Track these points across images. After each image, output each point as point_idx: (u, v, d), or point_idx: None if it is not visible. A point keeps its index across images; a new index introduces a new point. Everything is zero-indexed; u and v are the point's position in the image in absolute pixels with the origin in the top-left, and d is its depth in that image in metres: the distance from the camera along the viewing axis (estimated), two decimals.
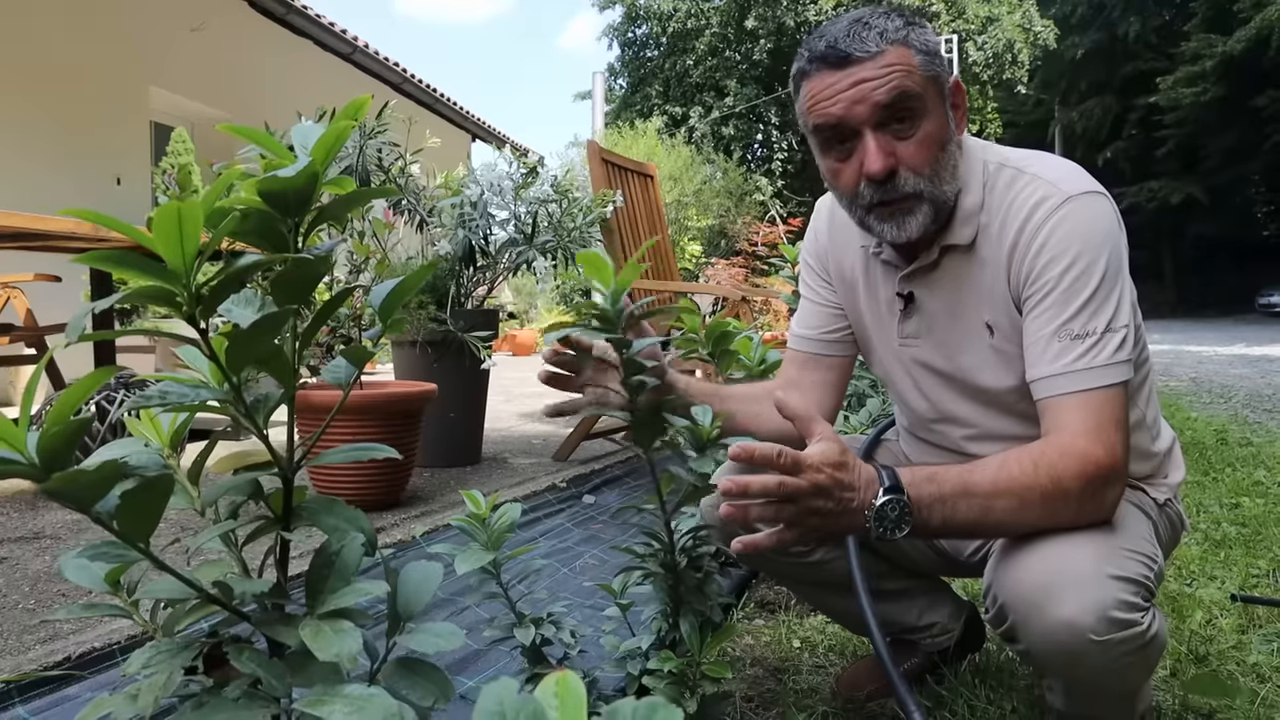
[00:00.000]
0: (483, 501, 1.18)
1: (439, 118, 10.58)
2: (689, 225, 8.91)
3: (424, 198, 2.96)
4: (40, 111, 5.44)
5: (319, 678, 0.52)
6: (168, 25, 6.45)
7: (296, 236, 0.60)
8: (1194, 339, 12.94)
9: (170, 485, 0.50)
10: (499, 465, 3.10)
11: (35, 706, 1.21)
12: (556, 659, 1.20)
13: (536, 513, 2.51)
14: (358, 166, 2.78)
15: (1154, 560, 0.97)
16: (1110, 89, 24.96)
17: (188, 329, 0.55)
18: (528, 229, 2.96)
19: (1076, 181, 1.05)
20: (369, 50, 8.17)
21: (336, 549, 0.57)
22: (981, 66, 21.34)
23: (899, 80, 0.99)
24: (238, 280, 0.53)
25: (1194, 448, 3.63)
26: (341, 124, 0.58)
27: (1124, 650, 0.90)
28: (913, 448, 1.32)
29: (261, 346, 0.55)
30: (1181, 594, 1.83)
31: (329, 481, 2.27)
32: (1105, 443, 0.94)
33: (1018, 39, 21.11)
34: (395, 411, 2.26)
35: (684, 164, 9.29)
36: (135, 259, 0.49)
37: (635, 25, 25.36)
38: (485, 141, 12.66)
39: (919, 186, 1.03)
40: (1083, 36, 24.54)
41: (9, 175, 5.00)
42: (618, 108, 24.58)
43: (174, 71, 6.55)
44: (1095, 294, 0.99)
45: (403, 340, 2.86)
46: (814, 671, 1.48)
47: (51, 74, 5.55)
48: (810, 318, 1.30)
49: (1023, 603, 0.93)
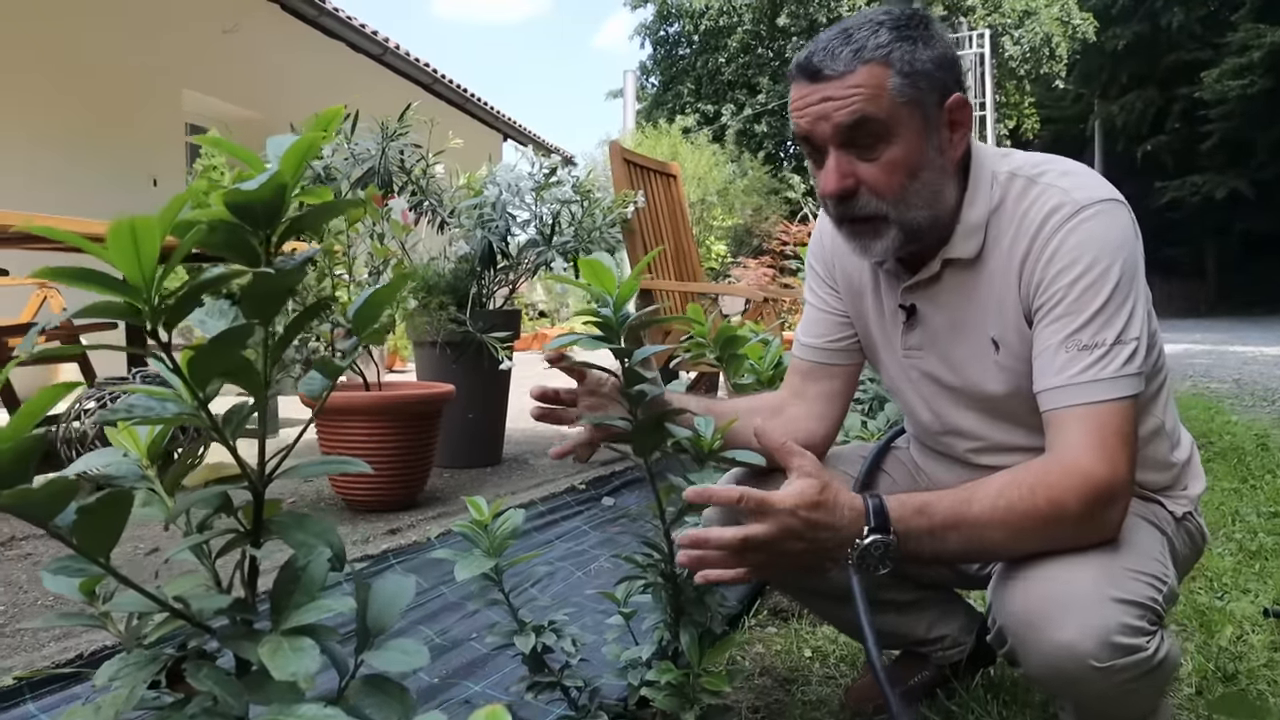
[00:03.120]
0: (485, 507, 1.17)
1: (469, 117, 10.64)
2: (714, 225, 8.86)
3: (446, 199, 2.97)
4: (78, 115, 5.56)
5: (277, 696, 0.51)
6: (201, 28, 6.56)
7: (268, 248, 0.59)
8: (1238, 339, 12.59)
9: (129, 500, 0.50)
10: (520, 466, 3.10)
11: (46, 703, 1.23)
12: (558, 667, 1.20)
13: (554, 515, 2.51)
14: (380, 169, 2.80)
15: (1162, 580, 0.93)
16: (1152, 81, 24.38)
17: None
18: (548, 230, 2.95)
19: (1091, 190, 1.02)
20: (399, 51, 8.24)
21: (303, 564, 0.57)
22: (1018, 61, 20.94)
23: (860, 104, 0.97)
24: (199, 294, 0.53)
25: (1232, 453, 3.52)
26: (310, 135, 0.58)
27: (1128, 676, 0.86)
28: (922, 457, 1.30)
29: (227, 360, 0.55)
30: (1212, 607, 1.78)
31: (347, 482, 2.29)
32: (1109, 460, 0.91)
33: (1056, 32, 20.69)
34: (412, 413, 2.27)
35: (708, 163, 9.24)
36: (94, 274, 0.49)
37: (667, 23, 25.29)
38: (516, 141, 12.72)
39: (881, 209, 1.01)
40: (1124, 28, 23.99)
41: (49, 177, 5.12)
42: (649, 106, 24.55)
43: (208, 74, 6.66)
44: (1107, 304, 0.96)
45: (424, 341, 2.88)
46: (824, 682, 1.45)
47: (89, 78, 5.67)
48: (816, 326, 1.27)
49: (1022, 625, 0.90)
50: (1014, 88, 22.18)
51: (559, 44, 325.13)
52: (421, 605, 1.77)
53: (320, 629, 0.56)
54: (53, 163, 5.26)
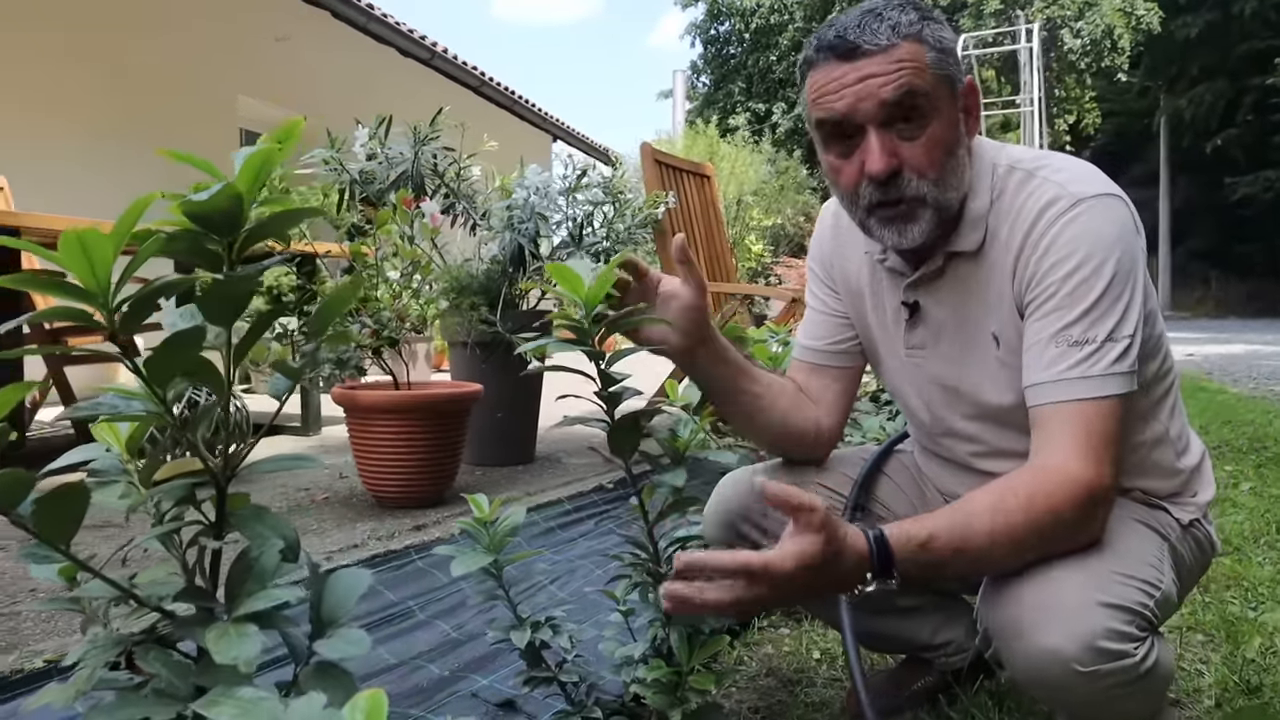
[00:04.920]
0: (486, 505, 1.20)
1: (517, 119, 10.76)
2: (752, 224, 8.81)
3: (479, 201, 3.03)
4: (138, 122, 5.79)
5: (224, 679, 0.54)
6: (255, 36, 6.77)
7: (230, 254, 0.62)
8: None
9: (85, 494, 0.53)
10: (552, 464, 3.14)
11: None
12: (555, 662, 1.22)
13: (579, 513, 2.53)
14: (413, 172, 2.86)
15: (1155, 586, 0.91)
16: (1223, 72, 23.44)
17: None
18: (579, 231, 2.99)
19: (1088, 184, 1.00)
20: (447, 55, 8.38)
21: (256, 555, 0.60)
22: (1078, 54, 20.36)
23: (908, 77, 0.95)
24: (155, 299, 0.56)
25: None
26: (266, 148, 0.61)
27: (1114, 682, 0.85)
28: (925, 460, 1.28)
29: (184, 360, 0.58)
30: (1243, 617, 1.72)
31: (377, 479, 2.35)
32: (1095, 461, 0.89)
33: (1118, 24, 20.07)
34: (439, 411, 2.32)
35: (745, 162, 9.19)
36: (52, 282, 0.52)
37: (717, 22, 25.25)
38: (565, 142, 12.83)
39: (922, 190, 0.99)
40: (1194, 17, 23.13)
41: (109, 179, 5.33)
42: (700, 105, 24.51)
43: (261, 80, 6.87)
44: (1099, 300, 0.94)
45: (456, 341, 2.93)
46: (828, 685, 1.45)
47: (148, 85, 5.90)
48: (816, 328, 1.27)
49: (1007, 629, 0.89)
50: (1074, 81, 21.58)
51: (613, 43, 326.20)
52: (439, 600, 1.81)
53: (274, 615, 0.59)
54: (114, 167, 5.48)
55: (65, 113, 5.41)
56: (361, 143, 2.77)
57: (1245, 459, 3.38)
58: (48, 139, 5.28)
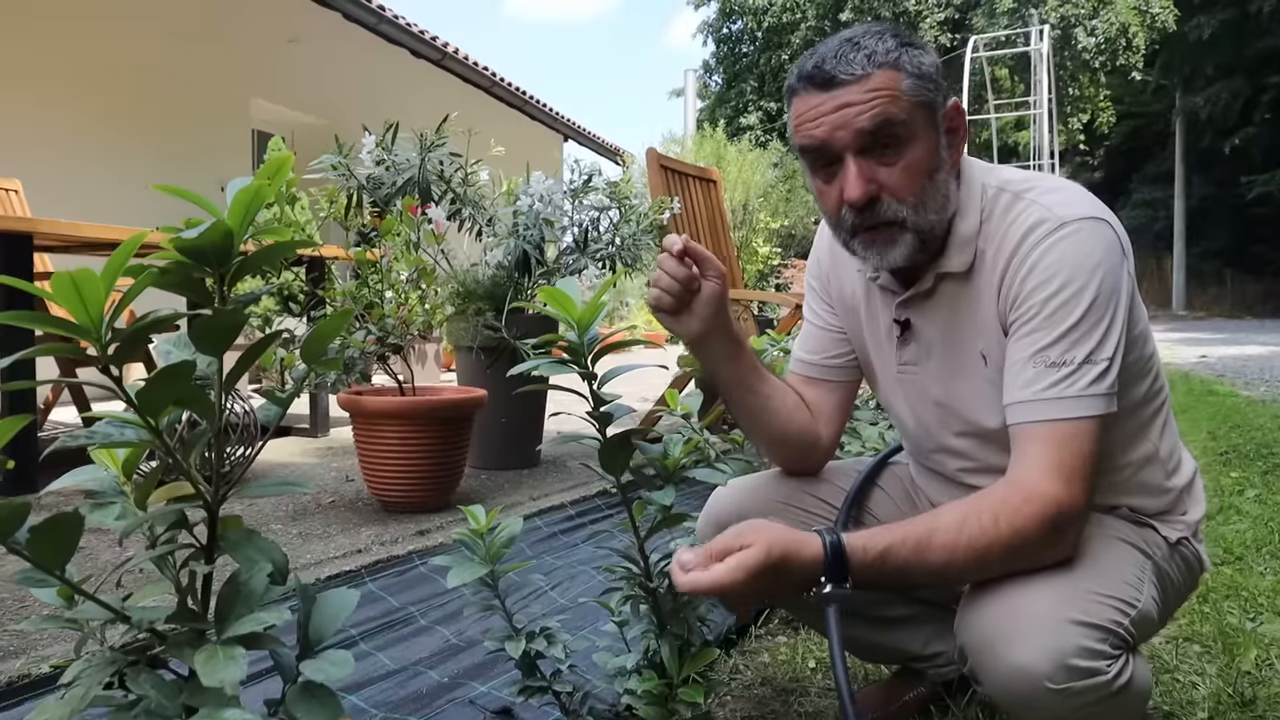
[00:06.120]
0: (482, 516, 1.22)
1: (530, 119, 10.80)
2: (759, 227, 8.80)
3: (486, 206, 3.05)
4: (154, 124, 5.85)
5: (211, 701, 0.56)
6: (267, 39, 6.83)
7: (223, 286, 0.64)
8: None
9: (79, 522, 0.56)
10: (557, 468, 3.16)
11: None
12: (550, 672, 1.24)
13: (583, 518, 2.55)
14: (419, 179, 2.89)
15: (1131, 605, 0.92)
16: (1240, 71, 23.22)
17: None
18: (583, 237, 3.00)
19: (1074, 206, 1.01)
20: (459, 55, 8.42)
21: (245, 578, 0.62)
22: (1092, 53, 20.20)
23: (883, 106, 0.97)
24: (147, 334, 0.58)
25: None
26: (256, 184, 0.63)
27: (1087, 700, 0.86)
28: (918, 473, 1.30)
29: (175, 390, 0.60)
30: (1240, 629, 1.72)
31: (381, 484, 2.37)
32: (1067, 481, 0.91)
33: (1132, 22, 19.89)
34: (442, 417, 2.34)
35: (752, 165, 9.19)
36: (48, 318, 0.55)
37: (730, 21, 25.19)
38: (576, 141, 12.87)
39: (900, 214, 1.01)
40: (1209, 16, 22.91)
41: (123, 181, 5.39)
42: (712, 104, 24.49)
43: (273, 82, 6.92)
44: (1079, 323, 0.96)
45: (462, 346, 2.96)
46: (823, 694, 1.46)
47: (163, 87, 5.96)
48: (812, 342, 1.28)
49: (981, 645, 0.91)
50: (1088, 80, 21.42)
51: (628, 41, 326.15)
52: (441, 606, 1.83)
53: (263, 637, 0.61)
54: (129, 168, 5.55)
55: (80, 115, 5.47)
56: (369, 149, 2.80)
57: (1252, 465, 3.37)
58: (62, 142, 5.35)
